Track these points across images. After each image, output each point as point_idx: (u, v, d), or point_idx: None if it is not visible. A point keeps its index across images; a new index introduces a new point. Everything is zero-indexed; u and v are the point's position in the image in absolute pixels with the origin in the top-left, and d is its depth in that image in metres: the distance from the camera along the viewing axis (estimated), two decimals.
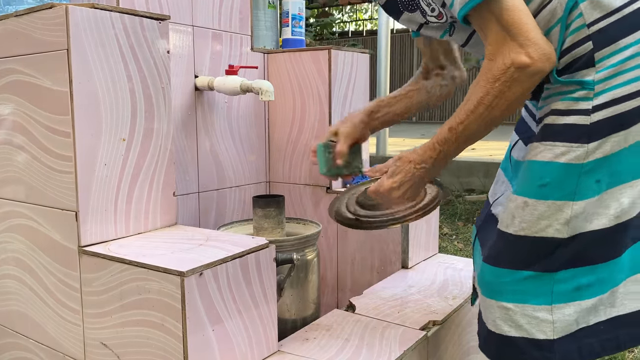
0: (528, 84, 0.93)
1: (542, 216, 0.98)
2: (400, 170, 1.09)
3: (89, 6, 1.10)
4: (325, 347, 1.20)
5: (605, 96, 0.93)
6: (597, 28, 0.93)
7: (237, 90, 1.55)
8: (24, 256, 1.26)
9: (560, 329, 0.99)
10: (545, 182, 0.97)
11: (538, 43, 0.91)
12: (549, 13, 0.96)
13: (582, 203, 0.96)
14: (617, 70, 0.92)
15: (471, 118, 0.98)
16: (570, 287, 0.99)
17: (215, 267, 1.02)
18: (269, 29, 1.90)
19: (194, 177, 1.64)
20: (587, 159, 0.94)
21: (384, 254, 1.74)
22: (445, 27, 1.14)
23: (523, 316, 1.00)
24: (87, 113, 1.11)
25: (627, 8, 0.92)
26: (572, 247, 0.98)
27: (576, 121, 0.94)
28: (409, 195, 1.10)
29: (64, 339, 1.20)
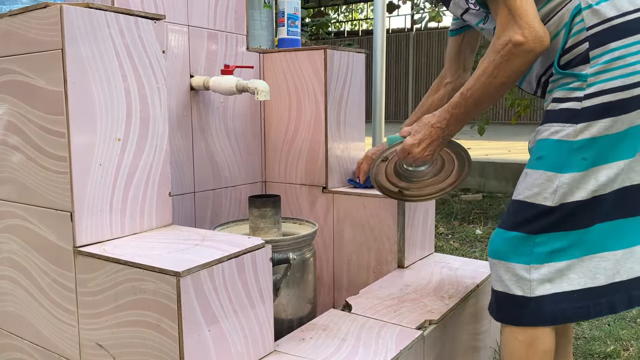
0: (523, 59, 1.12)
1: (535, 183, 1.15)
2: (420, 130, 1.29)
3: (84, 6, 1.09)
4: (321, 346, 1.20)
5: (596, 87, 1.09)
6: (593, 31, 1.11)
7: (232, 90, 1.55)
8: (19, 257, 1.25)
9: (536, 287, 1.14)
10: (541, 155, 1.15)
11: (533, 27, 1.10)
12: (559, 18, 1.16)
13: (568, 175, 1.11)
14: (606, 67, 1.09)
15: (477, 85, 1.18)
16: (547, 249, 1.14)
17: (211, 267, 1.02)
18: (264, 29, 1.90)
19: (190, 177, 1.63)
20: (576, 137, 1.10)
21: (380, 253, 1.74)
22: (481, 16, 1.30)
23: (505, 272, 1.17)
24: (81, 113, 1.10)
25: (619, 19, 1.10)
26: (555, 215, 1.13)
27: (570, 106, 1.12)
28: (428, 152, 1.29)
29: (59, 339, 1.19)
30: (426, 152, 1.29)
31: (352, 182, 1.85)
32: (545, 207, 1.13)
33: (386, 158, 1.40)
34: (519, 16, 1.10)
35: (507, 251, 1.17)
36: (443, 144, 1.31)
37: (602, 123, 1.09)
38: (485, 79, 1.17)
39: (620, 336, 1.97)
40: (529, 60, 1.12)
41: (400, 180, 1.53)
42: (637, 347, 1.90)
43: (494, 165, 4.72)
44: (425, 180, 1.55)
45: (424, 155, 1.30)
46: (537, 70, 1.23)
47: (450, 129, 1.27)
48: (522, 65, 1.13)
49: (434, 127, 1.27)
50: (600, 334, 1.99)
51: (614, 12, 1.10)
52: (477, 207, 4.09)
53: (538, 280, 1.13)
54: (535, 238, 1.14)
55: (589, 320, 2.11)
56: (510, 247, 1.16)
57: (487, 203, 4.21)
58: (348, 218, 1.77)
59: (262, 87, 1.50)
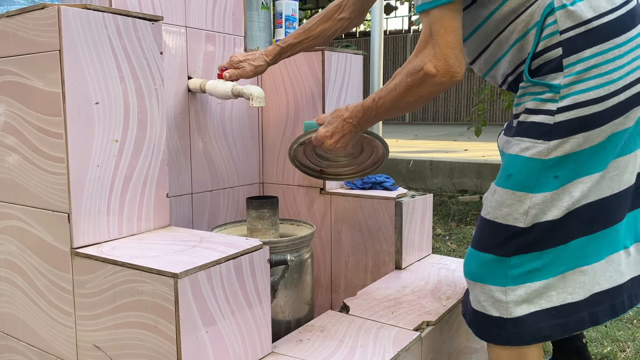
0: (432, 89, 1.09)
1: (504, 203, 1.10)
2: (332, 122, 1.29)
3: (82, 7, 1.09)
4: (319, 348, 1.20)
5: (569, 100, 1.03)
6: (567, 36, 1.02)
7: (228, 95, 1.54)
8: (16, 258, 1.25)
9: (513, 309, 1.11)
10: (510, 173, 1.10)
11: (448, 60, 1.05)
12: (528, 16, 1.07)
13: (540, 196, 1.07)
14: (580, 78, 1.02)
15: (387, 98, 1.17)
16: (522, 270, 1.10)
17: (209, 269, 1.02)
18: (262, 30, 1.90)
19: (187, 179, 1.63)
20: (548, 156, 1.05)
21: (378, 254, 1.74)
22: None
23: (482, 294, 1.15)
24: (79, 114, 1.10)
25: (596, 21, 1.01)
26: (528, 236, 1.09)
27: (542, 120, 1.06)
28: (340, 144, 1.29)
29: (56, 341, 1.19)
30: (338, 144, 1.29)
31: (349, 183, 1.85)
32: (517, 228, 1.09)
33: (303, 142, 1.41)
34: (438, 45, 1.05)
35: (481, 273, 1.14)
36: (355, 137, 1.31)
37: (575, 139, 1.03)
38: (395, 95, 1.15)
39: (617, 337, 1.98)
40: (438, 90, 1.10)
41: (321, 160, 1.54)
42: (633, 348, 1.90)
43: (491, 167, 4.72)
44: (344, 160, 1.55)
45: (336, 147, 1.30)
46: (505, 69, 1.17)
47: (362, 125, 1.27)
48: (430, 94, 1.11)
49: (346, 122, 1.27)
50: (597, 335, 1.99)
51: (590, 13, 1.01)
52: (474, 209, 4.09)
53: (514, 302, 1.10)
54: (509, 260, 1.10)
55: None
56: (484, 270, 1.13)
57: None
58: (346, 219, 1.78)
59: (257, 93, 1.49)
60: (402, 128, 11.05)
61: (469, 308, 1.20)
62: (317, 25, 1.56)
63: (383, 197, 1.70)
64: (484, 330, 1.17)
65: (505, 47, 1.13)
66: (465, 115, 12.24)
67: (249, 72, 1.54)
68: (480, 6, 1.13)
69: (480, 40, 1.18)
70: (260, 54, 1.57)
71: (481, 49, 1.19)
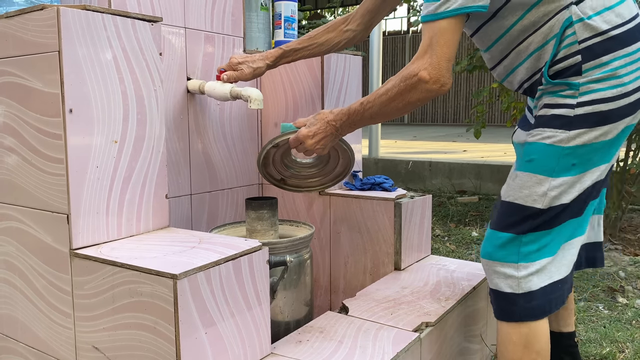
0: (421, 95, 1.17)
1: (524, 185, 1.19)
2: (315, 123, 1.33)
3: (81, 8, 1.09)
4: (318, 349, 1.20)
5: (588, 96, 1.13)
6: (585, 45, 1.13)
7: (227, 97, 1.54)
8: (14, 259, 1.25)
9: (524, 284, 1.19)
10: (532, 158, 1.18)
11: (441, 70, 1.14)
12: (548, 28, 1.17)
13: (559, 180, 1.16)
14: (599, 78, 1.13)
15: (377, 102, 1.23)
16: (534, 248, 1.19)
17: (208, 270, 1.02)
18: (261, 31, 1.90)
19: (186, 179, 1.63)
20: (568, 144, 1.14)
21: (377, 255, 1.74)
22: None
23: (495, 272, 1.23)
24: (78, 115, 1.10)
25: (612, 32, 1.13)
26: (543, 216, 1.18)
27: (563, 113, 1.15)
28: (320, 145, 1.34)
29: (55, 342, 1.19)
30: (318, 145, 1.34)
31: (348, 184, 1.85)
32: (535, 209, 1.17)
33: (277, 145, 1.42)
34: (435, 54, 1.13)
35: (496, 252, 1.22)
36: (335, 141, 1.36)
37: (594, 132, 1.14)
38: (385, 99, 1.21)
39: (616, 338, 1.98)
40: (426, 97, 1.17)
41: (285, 169, 1.56)
42: (632, 349, 1.90)
43: (490, 168, 4.73)
44: (308, 172, 1.58)
45: (315, 148, 1.34)
46: (522, 76, 1.25)
47: (344, 130, 1.32)
48: (419, 100, 1.18)
49: (329, 124, 1.31)
50: (595, 336, 1.99)
51: (605, 25, 1.12)
52: (473, 209, 4.09)
53: (525, 277, 1.19)
54: (522, 238, 1.19)
55: (584, 323, 2.12)
56: (499, 248, 1.21)
57: (483, 205, 4.22)
58: (345, 220, 1.78)
59: (255, 95, 1.49)
60: (401, 129, 11.06)
61: (488, 290, 1.28)
62: (322, 34, 1.60)
63: (382, 198, 1.70)
64: (498, 308, 1.24)
65: (523, 56, 1.22)
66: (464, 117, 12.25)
67: (247, 74, 1.55)
68: (501, 18, 1.22)
69: (502, 49, 1.27)
70: (260, 56, 1.57)
71: (502, 57, 1.28)
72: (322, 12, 10.79)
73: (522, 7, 1.18)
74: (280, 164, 1.54)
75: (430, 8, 1.16)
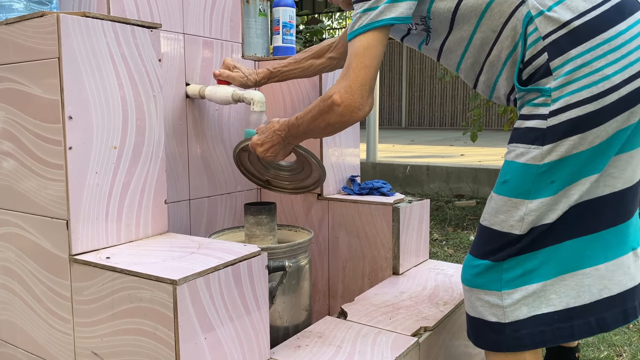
0: (336, 118, 1.15)
1: (500, 210, 1.09)
2: (265, 131, 1.35)
3: (80, 14, 1.10)
4: (317, 354, 1.20)
5: (561, 102, 1.01)
6: (550, 40, 1.02)
7: (228, 100, 1.55)
8: (14, 265, 1.25)
9: (510, 313, 1.09)
10: (506, 179, 1.09)
11: (354, 96, 1.11)
12: (512, 30, 1.07)
13: (536, 202, 1.05)
14: (570, 78, 1.00)
15: (305, 118, 1.24)
16: (516, 273, 1.09)
17: (208, 275, 1.02)
18: (259, 37, 1.91)
19: (185, 185, 1.64)
20: (542, 161, 1.03)
21: (375, 260, 1.74)
22: (422, 36, 1.24)
23: (477, 299, 1.13)
24: (78, 121, 1.10)
25: (576, 21, 1.00)
26: (524, 241, 1.08)
27: (535, 125, 1.04)
28: (269, 154, 1.35)
29: (54, 348, 1.19)
30: (267, 153, 1.35)
31: (346, 189, 1.86)
32: (513, 236, 1.08)
33: (245, 148, 1.48)
34: (350, 78, 1.11)
35: (476, 279, 1.13)
36: (285, 150, 1.37)
37: (570, 141, 1.01)
38: (309, 117, 1.22)
39: (614, 342, 1.99)
40: (341, 121, 1.15)
41: (266, 170, 1.60)
42: (630, 352, 1.91)
43: (487, 172, 4.74)
44: (284, 175, 1.62)
45: (265, 156, 1.36)
46: (504, 88, 1.15)
47: (289, 140, 1.33)
48: (337, 123, 1.17)
49: (275, 133, 1.33)
50: (593, 340, 2.00)
51: (569, 14, 1.00)
52: (470, 213, 4.10)
53: (511, 306, 1.09)
54: (502, 264, 1.09)
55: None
56: (479, 275, 1.12)
57: (480, 209, 4.23)
58: (343, 225, 1.78)
59: (258, 98, 1.50)
60: (398, 133, 11.08)
61: (466, 317, 1.20)
62: (307, 59, 1.62)
63: (380, 202, 1.71)
64: (481, 338, 1.16)
65: (498, 66, 1.13)
66: (461, 120, 12.28)
67: (238, 80, 1.57)
68: (457, 30, 1.15)
69: (471, 62, 1.18)
70: (252, 71, 1.60)
71: (475, 72, 1.19)
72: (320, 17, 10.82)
73: (474, 13, 1.10)
74: (260, 165, 1.58)
75: (349, 27, 1.14)
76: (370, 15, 1.10)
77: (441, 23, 1.16)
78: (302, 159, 1.50)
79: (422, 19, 1.17)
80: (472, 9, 1.10)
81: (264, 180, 1.64)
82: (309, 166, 1.52)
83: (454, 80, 11.74)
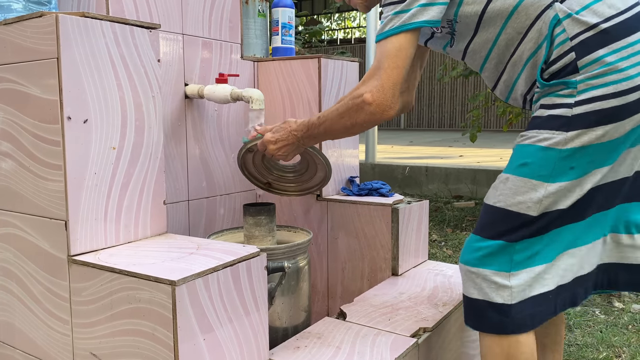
0: (366, 117, 1.17)
1: (518, 191, 1.11)
2: (280, 130, 1.35)
3: (79, 15, 1.10)
4: (316, 355, 1.20)
5: (587, 94, 1.05)
6: (578, 40, 1.07)
7: (227, 99, 1.55)
8: (12, 265, 1.24)
9: (517, 294, 1.11)
10: (526, 162, 1.10)
11: (386, 94, 1.13)
12: (536, 32, 1.12)
13: (555, 185, 1.08)
14: (597, 74, 1.05)
15: (329, 117, 1.25)
16: (526, 255, 1.12)
17: (207, 276, 1.02)
18: (258, 37, 1.91)
19: (184, 185, 1.63)
20: (565, 146, 1.06)
21: (374, 261, 1.74)
22: (447, 39, 1.27)
23: (484, 280, 1.13)
24: (76, 121, 1.10)
25: (604, 24, 1.06)
26: (538, 224, 1.10)
27: (560, 113, 1.08)
28: (282, 152, 1.36)
29: (53, 349, 1.18)
30: (280, 151, 1.36)
31: (345, 190, 1.86)
32: (529, 217, 1.10)
33: (251, 149, 1.47)
34: (381, 77, 1.13)
35: (485, 260, 1.13)
36: (298, 150, 1.37)
37: (594, 132, 1.05)
38: (335, 116, 1.23)
39: (613, 343, 1.99)
40: (370, 120, 1.17)
41: (270, 172, 1.60)
42: (629, 353, 1.91)
43: (486, 173, 4.74)
44: (287, 177, 1.62)
45: (277, 154, 1.36)
46: (522, 89, 1.20)
47: (305, 141, 1.33)
48: (365, 122, 1.18)
49: (292, 134, 1.33)
50: (592, 341, 2.00)
51: (595, 18, 1.06)
52: (469, 214, 4.10)
53: (518, 287, 1.11)
54: (515, 245, 1.11)
55: (580, 328, 2.12)
56: (488, 256, 1.12)
57: (479, 210, 4.23)
58: (342, 226, 1.78)
59: (256, 96, 1.51)
60: (397, 134, 11.08)
61: (464, 300, 1.18)
62: None
63: (379, 203, 1.71)
64: (484, 320, 1.14)
65: (519, 66, 1.17)
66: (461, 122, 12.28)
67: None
68: (483, 32, 1.18)
69: (495, 63, 1.22)
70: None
71: (498, 73, 1.23)
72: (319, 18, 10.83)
73: (500, 16, 1.14)
74: (263, 167, 1.57)
75: (379, 29, 1.16)
76: (402, 17, 1.13)
77: (467, 26, 1.19)
78: (307, 159, 1.50)
79: (449, 22, 1.21)
80: (499, 12, 1.14)
81: (265, 183, 1.64)
82: (314, 165, 1.51)
83: (452, 81, 11.75)
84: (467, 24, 1.19)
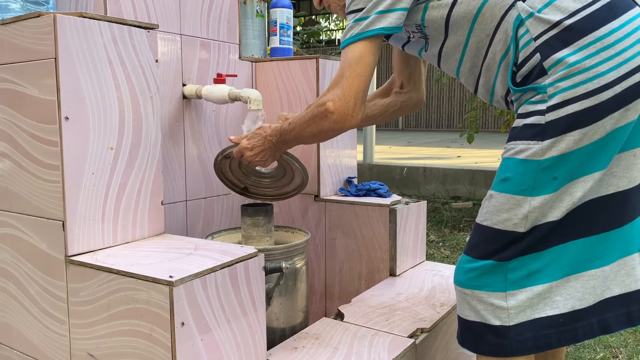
0: (329, 125, 1.17)
1: (502, 209, 1.06)
2: (255, 136, 1.36)
3: (77, 15, 1.10)
4: (314, 355, 1.20)
5: (557, 98, 1.00)
6: (542, 40, 1.02)
7: (225, 99, 1.55)
8: (9, 266, 1.24)
9: (515, 316, 1.05)
10: (507, 177, 1.06)
11: (347, 104, 1.13)
12: (503, 34, 1.08)
13: (539, 199, 1.03)
14: (565, 75, 0.99)
15: (298, 124, 1.25)
16: (522, 274, 1.06)
17: (204, 277, 1.02)
18: (257, 38, 1.91)
19: (182, 186, 1.63)
20: (543, 156, 1.01)
21: (372, 261, 1.74)
22: (421, 44, 1.25)
23: (480, 302, 1.08)
24: (74, 122, 1.10)
25: (566, 21, 1.01)
26: (528, 239, 1.05)
27: (533, 121, 1.03)
28: (258, 158, 1.36)
29: (50, 350, 1.18)
30: (257, 157, 1.36)
31: (343, 190, 1.86)
32: (517, 234, 1.04)
33: (228, 155, 1.47)
34: (344, 86, 1.13)
35: (478, 280, 1.08)
36: (275, 154, 1.37)
37: (571, 137, 0.99)
38: (303, 123, 1.23)
39: (610, 343, 1.99)
40: (333, 128, 1.17)
41: (247, 178, 1.60)
42: (626, 354, 1.91)
43: (484, 174, 4.75)
44: (264, 182, 1.62)
45: (254, 160, 1.36)
46: (501, 92, 1.15)
47: (280, 146, 1.33)
48: (330, 130, 1.18)
49: (267, 139, 1.34)
50: (589, 341, 2.00)
51: (558, 15, 1.01)
52: (467, 215, 4.11)
53: (516, 308, 1.05)
54: (507, 264, 1.05)
55: None
56: (481, 276, 1.08)
57: (477, 211, 4.24)
58: (340, 226, 1.78)
59: (254, 96, 1.51)
60: (395, 135, 11.09)
61: (460, 322, 1.14)
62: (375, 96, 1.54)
63: (377, 204, 1.71)
64: (483, 343, 1.10)
65: (494, 69, 1.13)
66: (458, 122, 12.30)
67: None
68: (453, 35, 1.15)
69: (470, 68, 1.18)
70: None
71: (475, 76, 1.19)
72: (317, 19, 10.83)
73: (466, 19, 1.11)
74: (240, 172, 1.57)
75: (342, 36, 1.15)
76: (361, 25, 1.12)
77: (436, 30, 1.17)
78: (284, 165, 1.49)
79: (418, 27, 1.19)
80: (464, 14, 1.11)
81: (242, 188, 1.64)
82: (291, 172, 1.51)
83: (450, 82, 11.77)
84: (435, 28, 1.17)
